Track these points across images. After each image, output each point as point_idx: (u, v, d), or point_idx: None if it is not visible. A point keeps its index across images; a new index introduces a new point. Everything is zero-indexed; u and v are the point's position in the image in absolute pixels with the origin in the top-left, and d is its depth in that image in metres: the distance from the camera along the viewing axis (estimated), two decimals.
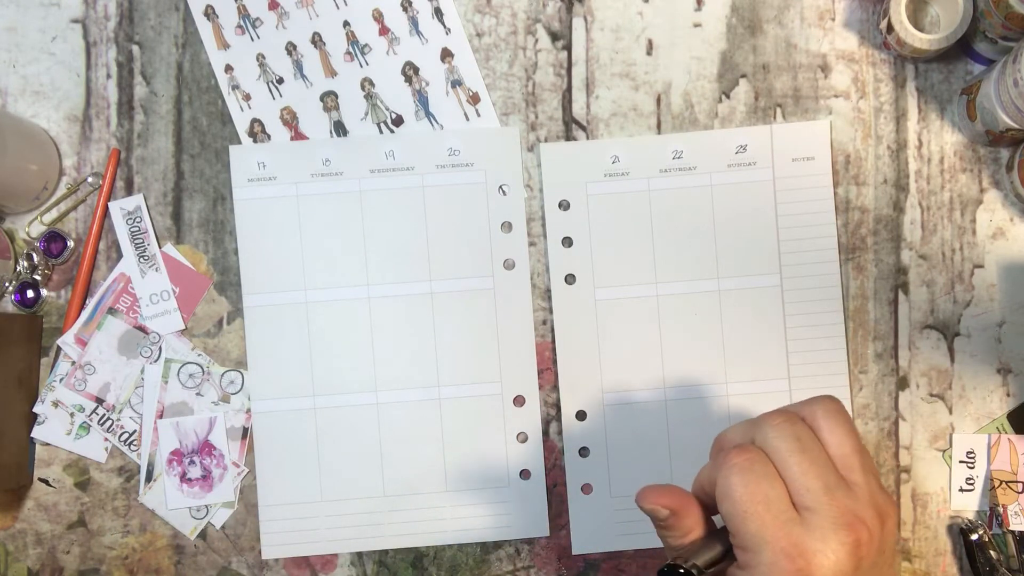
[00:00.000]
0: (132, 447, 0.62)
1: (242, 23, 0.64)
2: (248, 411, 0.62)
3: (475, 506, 0.62)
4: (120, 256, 0.63)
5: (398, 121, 0.63)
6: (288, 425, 0.62)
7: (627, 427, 0.62)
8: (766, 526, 0.39)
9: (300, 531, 0.62)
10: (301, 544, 0.62)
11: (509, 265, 0.63)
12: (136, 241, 0.63)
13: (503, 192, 0.63)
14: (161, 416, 0.62)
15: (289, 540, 0.62)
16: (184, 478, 0.62)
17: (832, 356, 0.62)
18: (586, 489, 0.62)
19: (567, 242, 0.63)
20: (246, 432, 0.62)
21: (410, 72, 0.63)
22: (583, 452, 0.62)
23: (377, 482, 0.62)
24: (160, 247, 0.63)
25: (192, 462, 0.62)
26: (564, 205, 0.63)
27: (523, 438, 0.62)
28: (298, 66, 0.64)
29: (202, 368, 0.63)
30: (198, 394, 0.62)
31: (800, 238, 0.62)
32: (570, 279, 0.63)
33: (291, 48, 0.64)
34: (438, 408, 0.62)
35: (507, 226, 0.63)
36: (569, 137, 0.64)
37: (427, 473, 0.62)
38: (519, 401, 0.62)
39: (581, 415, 0.62)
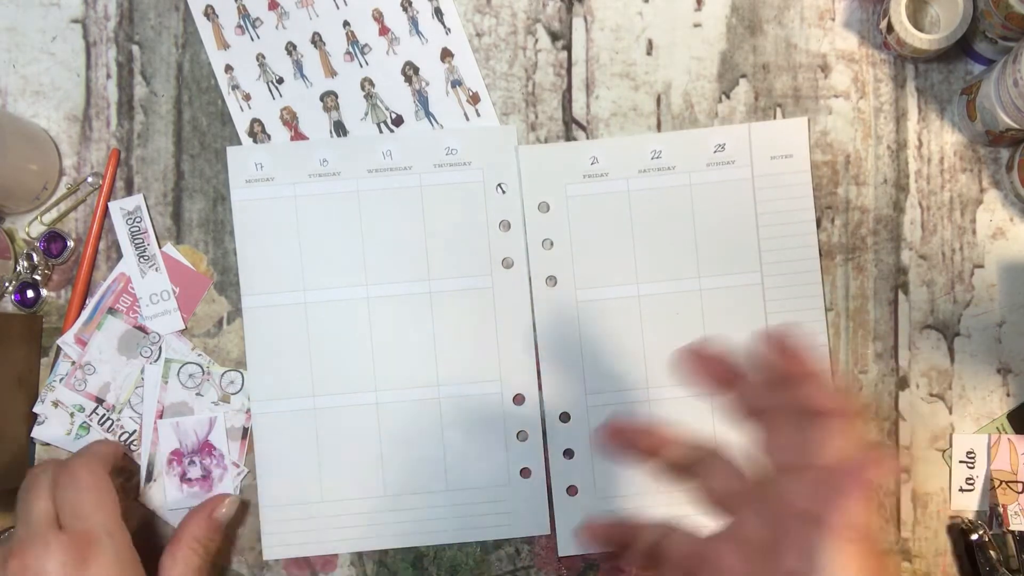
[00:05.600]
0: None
1: (242, 23, 0.64)
2: (248, 411, 0.62)
3: (475, 505, 0.62)
4: (120, 256, 0.63)
5: (398, 121, 0.63)
6: (288, 425, 0.62)
7: None
8: None
9: (300, 531, 0.62)
10: (301, 544, 0.62)
11: (508, 263, 0.63)
12: (136, 241, 0.63)
13: (501, 191, 0.63)
14: (161, 416, 0.62)
15: (289, 540, 0.62)
16: (184, 478, 0.62)
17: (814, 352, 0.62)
18: (571, 491, 0.62)
19: (547, 244, 0.63)
20: (246, 432, 0.62)
21: (410, 72, 0.63)
22: (567, 454, 0.62)
23: (377, 482, 0.62)
24: (160, 247, 0.63)
25: (192, 462, 0.62)
26: (544, 207, 0.63)
27: (523, 436, 0.62)
28: (298, 66, 0.64)
29: (202, 368, 0.63)
30: (198, 394, 0.62)
31: (780, 236, 0.62)
32: (551, 281, 0.62)
33: (291, 48, 0.64)
34: (438, 407, 0.62)
35: (505, 224, 0.63)
36: (569, 137, 0.63)
37: (427, 473, 0.62)
38: (519, 399, 0.62)
39: (565, 417, 0.62)
